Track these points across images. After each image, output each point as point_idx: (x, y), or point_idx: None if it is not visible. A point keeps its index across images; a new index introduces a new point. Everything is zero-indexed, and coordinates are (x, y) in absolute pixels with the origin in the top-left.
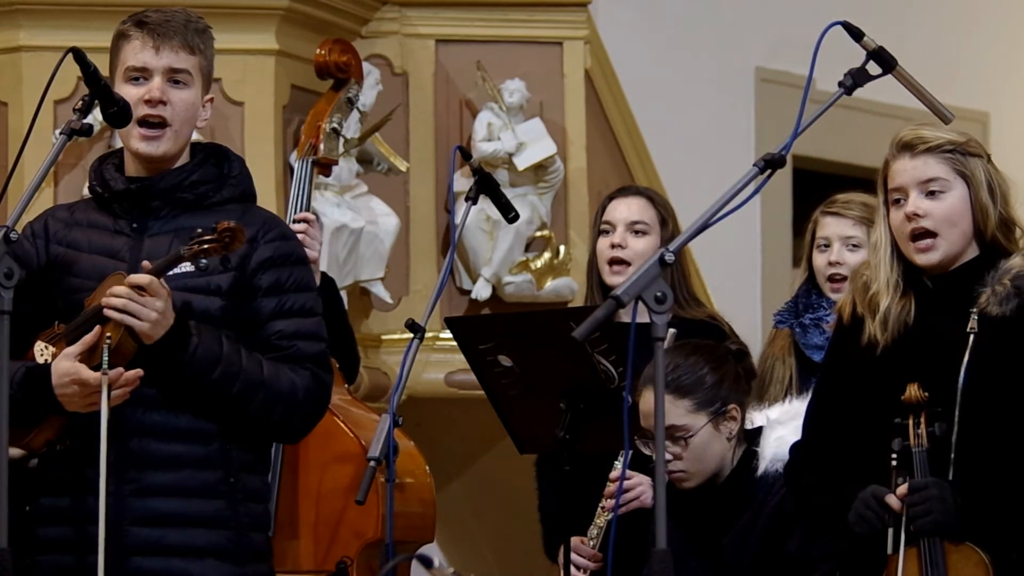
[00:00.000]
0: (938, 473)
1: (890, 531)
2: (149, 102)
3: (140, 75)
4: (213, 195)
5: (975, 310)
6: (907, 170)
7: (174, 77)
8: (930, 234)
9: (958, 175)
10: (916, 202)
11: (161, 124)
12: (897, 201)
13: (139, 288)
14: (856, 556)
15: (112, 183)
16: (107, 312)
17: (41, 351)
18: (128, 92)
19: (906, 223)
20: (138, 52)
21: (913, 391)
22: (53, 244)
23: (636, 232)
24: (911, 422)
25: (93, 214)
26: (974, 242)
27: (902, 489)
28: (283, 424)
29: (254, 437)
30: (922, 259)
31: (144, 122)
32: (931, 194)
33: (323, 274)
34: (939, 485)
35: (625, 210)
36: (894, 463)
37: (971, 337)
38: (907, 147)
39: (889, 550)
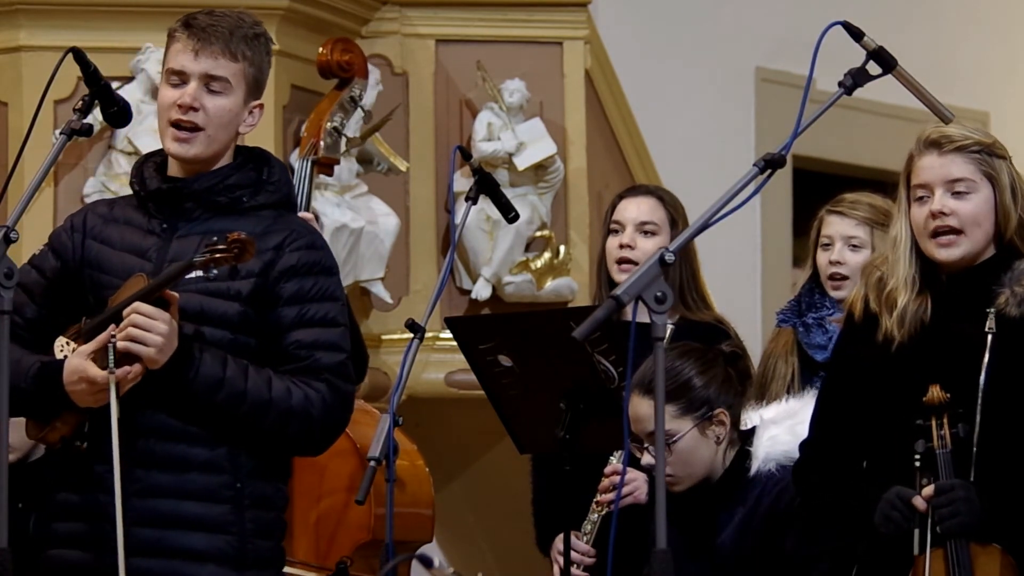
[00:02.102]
0: (960, 474)
1: (916, 532)
2: (181, 107)
3: (178, 78)
4: (248, 200)
5: (992, 310)
6: (934, 168)
7: (211, 84)
8: (954, 231)
9: (984, 176)
10: (942, 200)
11: (193, 130)
12: (920, 198)
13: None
14: (876, 557)
15: (148, 182)
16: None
17: (61, 347)
18: (166, 94)
19: (929, 220)
20: (178, 54)
21: (936, 392)
22: (89, 239)
23: (645, 232)
24: (934, 423)
25: (131, 212)
26: (992, 243)
27: (927, 490)
28: (301, 439)
29: (276, 452)
30: (943, 254)
31: (177, 125)
32: (957, 193)
33: None
34: (965, 486)
35: (635, 210)
36: (917, 464)
37: (990, 337)
38: (934, 145)
39: (915, 551)
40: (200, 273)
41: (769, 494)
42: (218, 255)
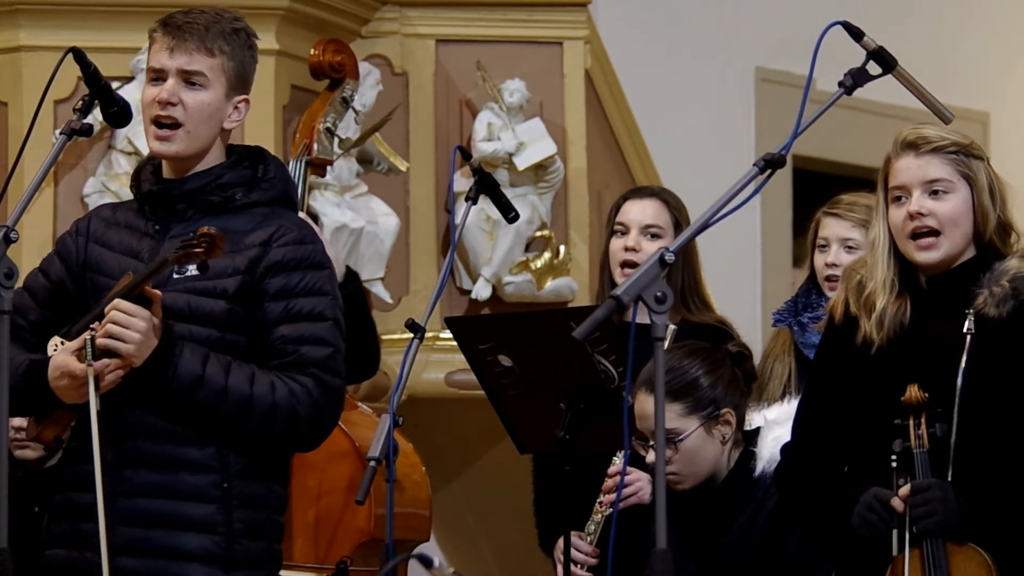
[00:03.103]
0: (937, 474)
1: (894, 532)
2: (159, 103)
3: (157, 76)
4: (242, 198)
5: (971, 311)
6: (911, 169)
7: (188, 79)
8: (933, 232)
9: (962, 177)
10: (920, 201)
11: (173, 125)
12: (898, 199)
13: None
14: (855, 558)
15: (143, 184)
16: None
17: (55, 346)
18: (146, 92)
19: (908, 221)
20: (156, 53)
21: (914, 392)
22: (91, 242)
23: (650, 235)
24: (911, 423)
25: (131, 215)
26: (972, 244)
27: (904, 490)
28: (288, 435)
29: (267, 449)
30: (923, 256)
31: (158, 122)
32: (934, 194)
33: (348, 268)
34: (942, 486)
35: (640, 212)
36: (895, 464)
37: (968, 338)
38: (911, 146)
39: (894, 551)
40: (192, 270)
41: (773, 495)
42: (190, 251)
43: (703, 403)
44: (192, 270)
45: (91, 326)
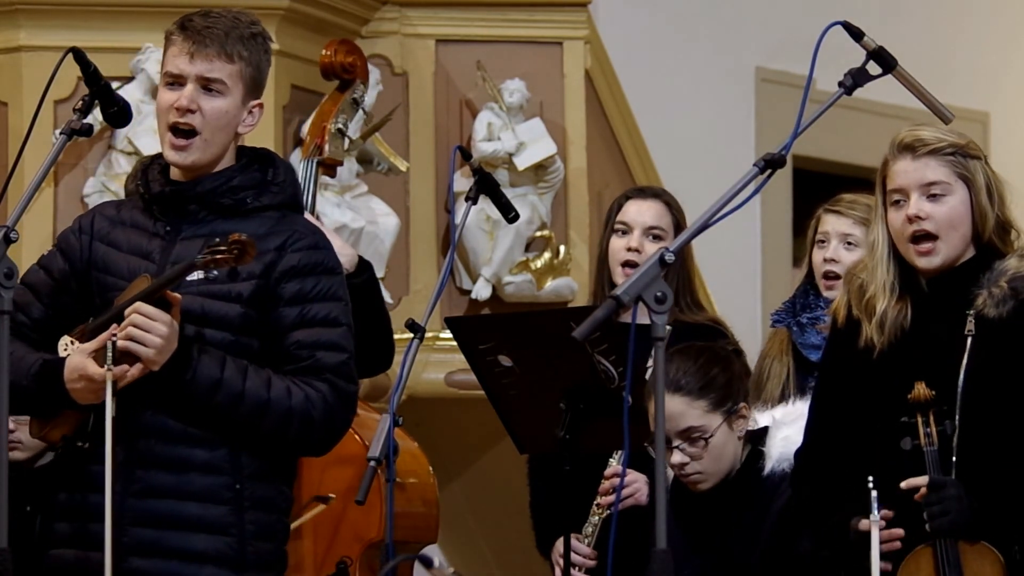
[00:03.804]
0: (944, 473)
1: (872, 538)
2: (178, 110)
3: (175, 81)
4: (252, 201)
5: (971, 312)
6: (909, 171)
7: (207, 85)
8: (931, 237)
9: (959, 178)
10: (918, 204)
11: (190, 132)
12: (897, 202)
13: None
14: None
15: (152, 185)
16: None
17: (65, 346)
18: (163, 96)
19: (907, 225)
20: (175, 57)
21: (921, 390)
22: (96, 241)
23: (652, 237)
24: (919, 421)
25: (137, 214)
26: (971, 244)
27: (910, 481)
28: (302, 440)
29: (279, 453)
30: (923, 262)
31: (175, 129)
32: (932, 196)
33: (360, 258)
34: (957, 485)
35: (643, 213)
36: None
37: (969, 340)
38: (908, 148)
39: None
40: (201, 274)
41: (782, 495)
42: (219, 256)
43: (723, 399)
44: (200, 273)
45: (113, 330)
